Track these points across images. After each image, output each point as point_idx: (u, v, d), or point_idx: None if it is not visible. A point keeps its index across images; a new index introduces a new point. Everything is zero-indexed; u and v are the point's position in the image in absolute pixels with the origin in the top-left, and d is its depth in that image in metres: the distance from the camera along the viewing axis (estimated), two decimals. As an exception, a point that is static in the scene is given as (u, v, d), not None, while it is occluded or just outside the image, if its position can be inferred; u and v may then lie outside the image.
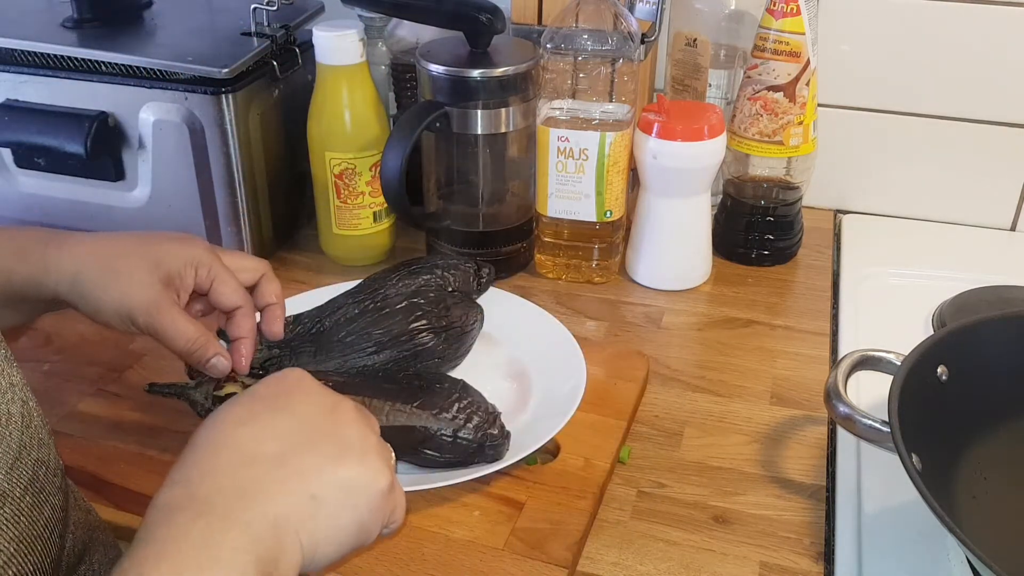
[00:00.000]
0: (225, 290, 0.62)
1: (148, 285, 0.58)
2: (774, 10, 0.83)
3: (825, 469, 0.67)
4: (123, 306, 0.58)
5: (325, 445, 0.43)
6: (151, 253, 0.59)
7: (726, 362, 0.78)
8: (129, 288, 0.58)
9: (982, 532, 0.55)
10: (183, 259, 0.60)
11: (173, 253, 0.60)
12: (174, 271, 0.60)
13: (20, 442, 0.41)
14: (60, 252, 0.58)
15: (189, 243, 0.62)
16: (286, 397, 0.45)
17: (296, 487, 0.41)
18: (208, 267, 0.61)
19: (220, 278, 0.62)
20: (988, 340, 0.64)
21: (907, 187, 1.00)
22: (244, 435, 0.42)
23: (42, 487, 0.42)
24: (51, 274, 0.58)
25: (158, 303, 0.58)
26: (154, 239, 0.62)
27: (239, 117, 0.83)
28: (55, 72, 0.85)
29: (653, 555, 0.59)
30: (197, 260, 0.61)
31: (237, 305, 0.63)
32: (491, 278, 0.79)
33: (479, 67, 0.80)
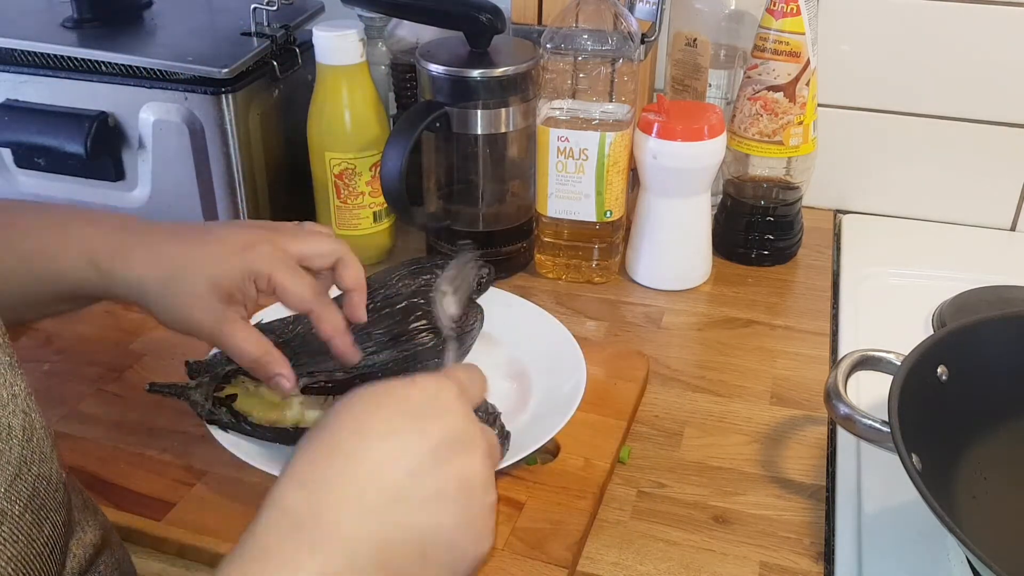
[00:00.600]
0: (288, 299, 0.60)
1: (208, 306, 0.58)
2: (774, 10, 0.83)
3: (825, 469, 0.67)
4: (187, 326, 0.59)
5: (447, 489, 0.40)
6: (211, 269, 0.58)
7: (726, 362, 0.78)
8: (190, 311, 0.58)
9: (982, 532, 0.55)
10: (241, 273, 0.59)
11: (230, 268, 0.58)
12: (234, 287, 0.59)
13: (20, 457, 0.40)
14: (126, 265, 0.58)
15: (250, 251, 0.59)
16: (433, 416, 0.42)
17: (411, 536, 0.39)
18: (267, 277, 0.59)
19: (281, 287, 0.59)
20: (988, 340, 0.64)
21: (907, 187, 1.00)
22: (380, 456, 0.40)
23: (43, 503, 0.41)
24: (118, 287, 0.58)
25: (218, 322, 0.58)
26: (215, 249, 0.59)
27: (239, 117, 0.83)
28: (55, 72, 0.85)
29: (653, 555, 0.59)
30: (256, 272, 0.59)
31: (306, 311, 0.61)
32: (491, 278, 0.79)
33: (479, 67, 0.80)
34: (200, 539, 0.59)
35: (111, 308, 0.83)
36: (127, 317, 0.82)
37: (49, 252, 0.59)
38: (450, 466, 0.41)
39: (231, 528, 0.60)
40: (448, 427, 0.41)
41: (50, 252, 0.59)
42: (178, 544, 0.59)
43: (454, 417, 0.42)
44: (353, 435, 0.40)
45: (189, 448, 0.66)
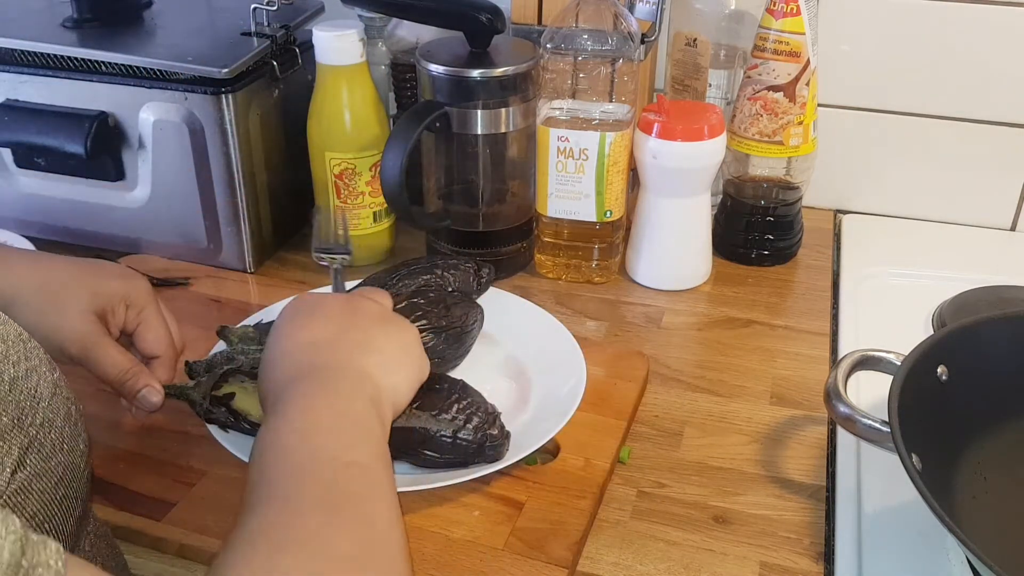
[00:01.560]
0: (149, 336, 0.63)
1: (83, 316, 0.59)
2: (774, 10, 0.83)
3: (825, 469, 0.67)
4: (56, 335, 0.59)
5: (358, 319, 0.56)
6: (90, 284, 0.60)
7: (726, 362, 0.78)
8: (64, 317, 0.59)
9: (982, 532, 0.55)
10: (119, 294, 0.61)
11: (111, 287, 0.61)
12: (108, 305, 0.61)
13: (54, 381, 0.44)
14: (2, 270, 0.59)
15: (130, 280, 0.63)
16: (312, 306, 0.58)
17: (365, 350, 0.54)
18: (140, 308, 0.62)
19: (147, 322, 0.63)
20: (988, 340, 0.64)
21: (907, 187, 1.00)
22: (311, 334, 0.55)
23: (76, 420, 0.45)
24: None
25: (92, 334, 0.59)
26: (95, 270, 0.62)
27: (239, 117, 0.83)
28: (55, 72, 0.85)
29: (653, 555, 0.59)
30: (131, 299, 0.62)
31: (157, 354, 0.64)
32: (491, 278, 0.79)
33: (479, 67, 0.80)
34: (200, 539, 0.59)
35: (111, 308, 0.83)
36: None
37: None
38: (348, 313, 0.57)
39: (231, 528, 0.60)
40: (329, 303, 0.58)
41: None
42: (178, 544, 0.59)
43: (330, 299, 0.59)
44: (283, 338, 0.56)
45: (189, 448, 0.66)
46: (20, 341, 0.43)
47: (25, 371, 0.41)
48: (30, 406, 0.41)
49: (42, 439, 0.41)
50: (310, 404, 0.49)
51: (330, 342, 0.54)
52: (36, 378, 0.42)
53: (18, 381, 0.40)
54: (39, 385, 0.42)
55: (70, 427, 0.44)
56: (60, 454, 0.42)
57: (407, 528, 0.59)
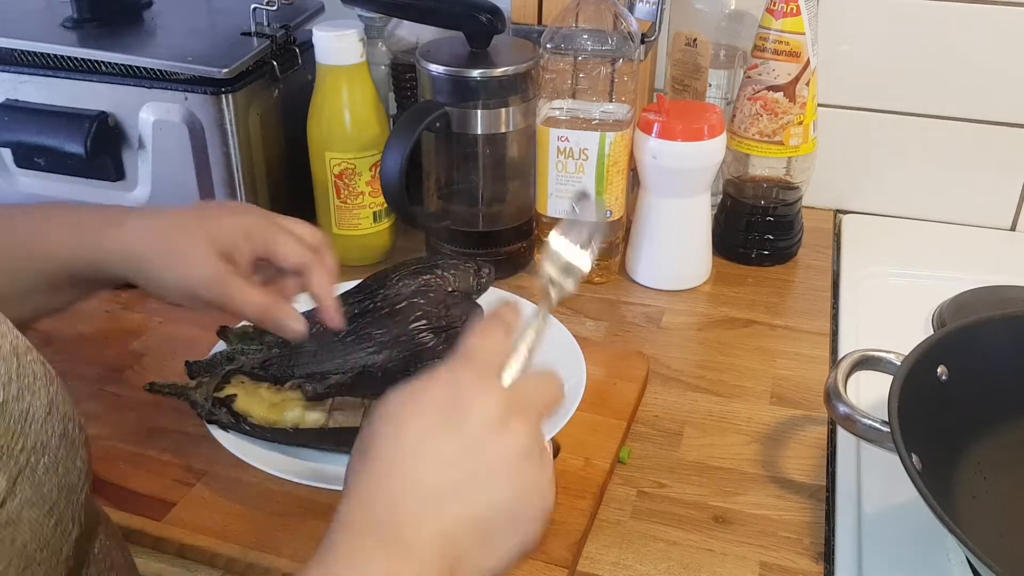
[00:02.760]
0: (283, 251, 0.61)
1: (208, 261, 0.58)
2: (774, 10, 0.83)
3: (825, 469, 0.67)
4: (187, 284, 0.59)
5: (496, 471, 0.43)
6: (206, 228, 0.59)
7: (726, 362, 0.78)
8: (190, 266, 0.58)
9: (982, 532, 0.55)
10: (236, 229, 0.60)
11: (226, 225, 0.60)
12: (230, 243, 0.60)
13: (48, 398, 0.42)
14: (119, 234, 0.58)
15: (242, 212, 0.62)
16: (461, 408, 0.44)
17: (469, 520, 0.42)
18: (262, 232, 0.60)
19: (275, 240, 0.61)
20: (988, 340, 0.64)
21: (907, 187, 1.00)
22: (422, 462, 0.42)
23: (73, 440, 0.43)
24: (112, 257, 0.58)
25: (220, 277, 0.59)
26: (208, 213, 0.61)
27: (239, 117, 0.83)
28: (55, 72, 0.85)
29: (653, 555, 0.59)
30: (249, 228, 0.60)
31: (302, 262, 0.61)
32: (491, 278, 0.79)
33: (479, 67, 0.80)
34: (200, 539, 0.59)
35: (111, 308, 0.83)
36: (127, 317, 0.82)
37: (32, 238, 0.59)
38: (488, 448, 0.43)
39: (231, 528, 0.60)
40: (475, 412, 0.43)
41: (33, 238, 0.59)
42: (178, 544, 0.59)
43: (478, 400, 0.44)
44: (393, 445, 0.43)
45: (189, 448, 0.66)
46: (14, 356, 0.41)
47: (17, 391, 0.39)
48: (21, 430, 0.39)
49: (34, 464, 0.39)
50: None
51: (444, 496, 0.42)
52: (29, 397, 0.40)
53: (8, 404, 0.38)
54: (32, 405, 0.40)
55: (66, 447, 0.42)
56: (55, 477, 0.41)
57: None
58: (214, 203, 0.64)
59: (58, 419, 0.42)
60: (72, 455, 0.43)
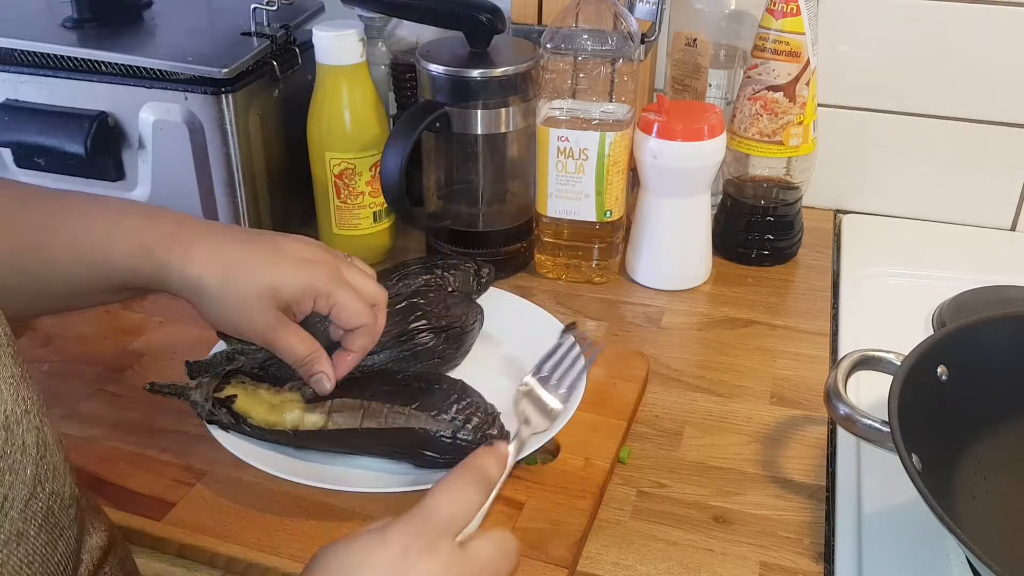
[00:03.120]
0: (343, 316, 0.61)
1: (264, 313, 0.59)
2: (774, 10, 0.83)
3: (825, 469, 0.67)
4: (238, 326, 0.60)
5: None
6: (271, 277, 0.58)
7: (726, 362, 0.78)
8: (245, 312, 0.59)
9: (982, 532, 0.55)
10: (301, 287, 0.59)
11: (293, 281, 0.59)
12: (292, 299, 0.59)
13: (35, 476, 0.39)
14: (183, 259, 0.57)
15: (312, 267, 0.60)
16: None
17: None
18: (327, 295, 0.60)
19: (339, 305, 0.60)
20: (988, 340, 0.64)
21: (907, 187, 1.00)
22: None
23: (57, 521, 0.40)
24: (173, 279, 0.58)
25: (272, 328, 0.59)
26: (276, 257, 0.60)
27: (239, 117, 0.83)
28: (55, 72, 0.85)
29: (653, 555, 0.59)
30: (316, 289, 0.60)
31: (357, 326, 0.62)
32: (491, 278, 0.79)
33: (479, 67, 0.80)
34: (200, 539, 0.59)
35: (111, 308, 0.83)
36: (127, 317, 0.82)
37: (103, 241, 0.58)
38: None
39: (231, 528, 0.60)
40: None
41: (103, 240, 0.58)
42: (178, 544, 0.59)
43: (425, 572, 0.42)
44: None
45: (189, 448, 0.66)
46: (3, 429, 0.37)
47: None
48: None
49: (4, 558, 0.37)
50: None
51: None
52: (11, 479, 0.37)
53: None
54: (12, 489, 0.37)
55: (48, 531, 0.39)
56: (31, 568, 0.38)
57: (407, 528, 0.59)
58: (290, 242, 0.62)
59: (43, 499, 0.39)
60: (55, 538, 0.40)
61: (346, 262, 0.64)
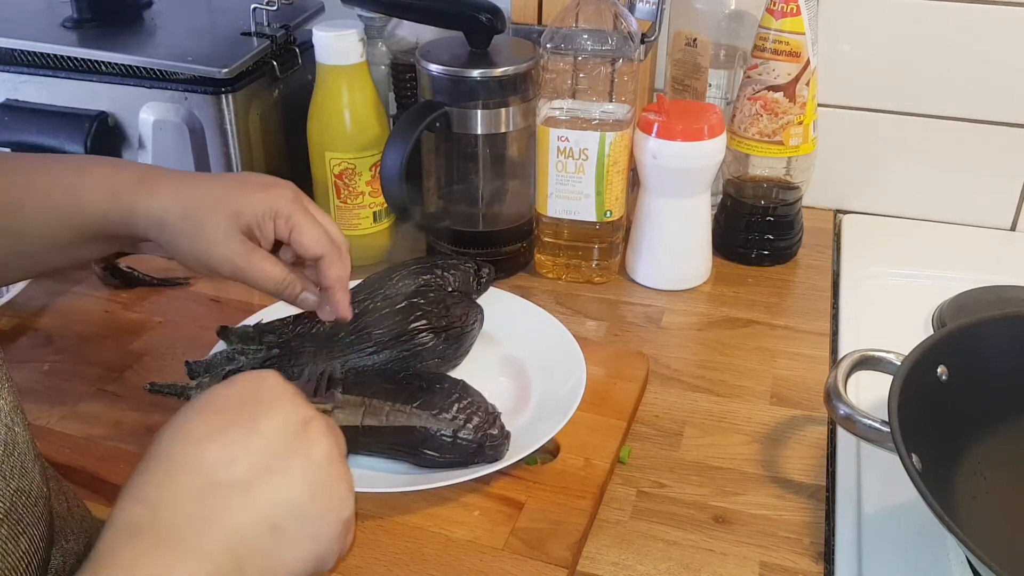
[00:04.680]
0: (304, 240, 0.61)
1: (230, 237, 0.59)
2: (774, 10, 0.83)
3: (825, 469, 0.67)
4: (207, 258, 0.59)
5: (291, 470, 0.41)
6: (233, 202, 0.59)
7: (726, 362, 0.78)
8: (211, 241, 0.59)
9: (982, 532, 0.55)
10: (263, 208, 0.60)
11: (254, 202, 0.60)
12: (254, 221, 0.60)
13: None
14: (149, 197, 0.59)
15: (273, 189, 0.61)
16: (253, 408, 0.42)
17: (259, 516, 0.40)
18: (287, 217, 0.60)
19: (299, 227, 0.60)
20: (988, 340, 0.64)
21: (907, 187, 1.00)
22: (209, 455, 0.40)
23: (20, 518, 0.41)
24: (140, 218, 0.59)
25: (240, 254, 0.59)
26: (238, 186, 0.61)
27: (239, 117, 0.83)
28: (55, 72, 0.85)
29: (653, 555, 0.59)
30: (276, 210, 0.60)
31: (318, 254, 0.61)
32: (491, 278, 0.79)
33: (479, 67, 0.80)
34: (200, 539, 0.59)
35: (111, 308, 0.83)
36: (127, 317, 0.82)
37: (71, 189, 0.59)
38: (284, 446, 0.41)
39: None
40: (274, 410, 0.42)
41: (72, 189, 0.59)
42: (178, 544, 0.59)
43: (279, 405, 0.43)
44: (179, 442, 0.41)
45: (189, 448, 0.66)
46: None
47: None
48: None
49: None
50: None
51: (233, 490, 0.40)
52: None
53: None
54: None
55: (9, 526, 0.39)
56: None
57: (408, 528, 0.59)
58: (252, 175, 0.64)
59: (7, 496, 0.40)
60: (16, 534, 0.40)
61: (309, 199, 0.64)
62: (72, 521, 0.49)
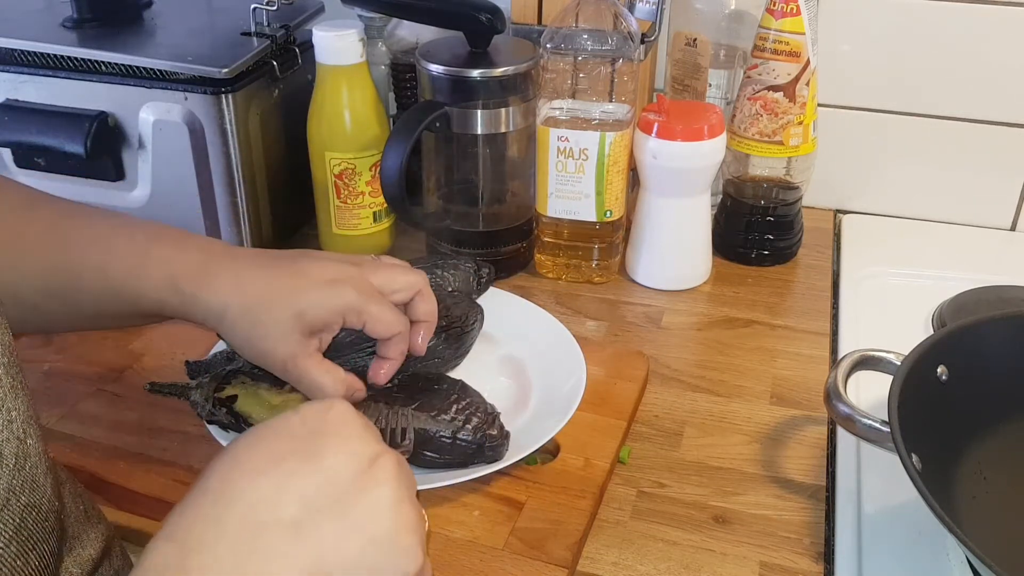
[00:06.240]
0: (377, 328, 0.60)
1: (288, 339, 0.57)
2: (774, 10, 0.83)
3: (825, 469, 0.67)
4: (262, 357, 0.58)
5: (352, 513, 0.36)
6: (296, 303, 0.57)
7: (726, 362, 0.78)
8: (269, 342, 0.57)
9: (982, 532, 0.55)
10: (329, 310, 0.58)
11: (318, 304, 0.57)
12: (319, 322, 0.58)
13: (9, 487, 0.38)
14: (209, 289, 0.57)
15: (337, 288, 0.58)
16: (320, 440, 0.38)
17: (305, 566, 0.35)
18: (358, 312, 0.58)
19: (372, 319, 0.59)
20: (988, 340, 0.64)
21: (907, 187, 1.00)
22: (260, 491, 0.36)
23: (30, 534, 0.39)
24: (199, 310, 0.57)
25: (295, 357, 0.57)
26: (299, 282, 0.58)
27: (239, 117, 0.83)
28: (55, 72, 0.85)
29: (653, 555, 0.59)
30: (345, 309, 0.58)
31: (394, 334, 0.61)
32: (491, 278, 0.79)
33: (479, 67, 0.80)
34: (200, 539, 0.59)
35: (111, 308, 0.83)
36: (127, 317, 0.82)
37: (132, 271, 0.57)
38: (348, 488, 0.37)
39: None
40: (340, 449, 0.38)
41: (133, 272, 0.57)
42: (178, 544, 0.59)
43: (347, 439, 0.39)
44: (224, 478, 0.37)
45: (189, 448, 0.66)
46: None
47: None
48: None
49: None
50: None
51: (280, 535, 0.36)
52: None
53: None
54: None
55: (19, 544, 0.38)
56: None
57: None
58: (314, 266, 0.60)
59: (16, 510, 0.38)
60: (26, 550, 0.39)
61: (372, 265, 0.62)
62: (88, 526, 0.49)
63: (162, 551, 0.35)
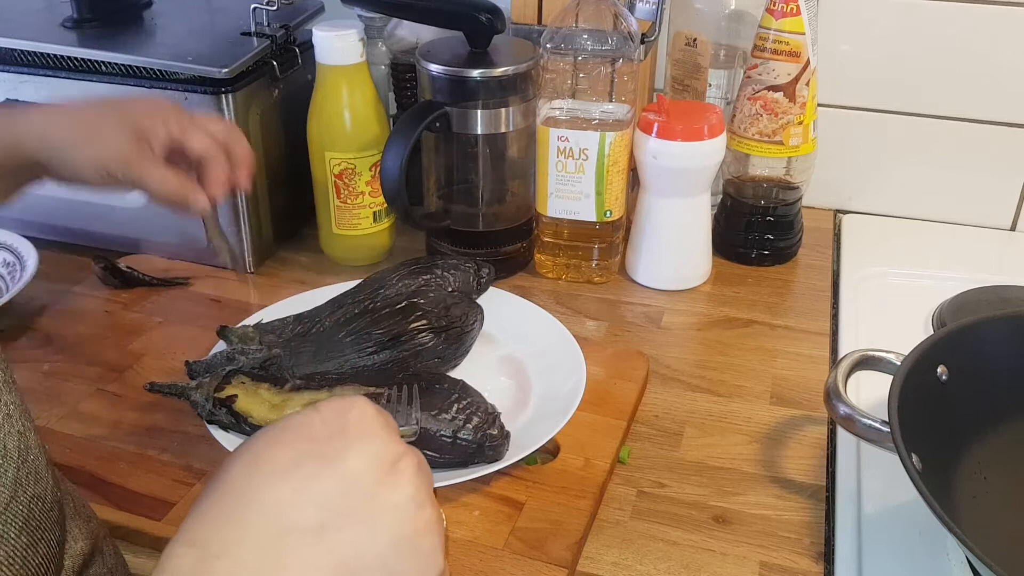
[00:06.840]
0: (195, 139, 0.63)
1: (121, 139, 0.60)
2: (774, 10, 0.83)
3: (825, 469, 0.67)
4: (99, 160, 0.60)
5: (374, 518, 0.36)
6: (120, 110, 0.61)
7: (726, 362, 0.78)
8: (102, 143, 0.60)
9: (982, 532, 0.55)
10: (151, 113, 0.62)
11: (141, 109, 0.62)
12: (144, 125, 0.61)
13: (15, 479, 0.38)
14: (29, 118, 0.60)
15: (157, 102, 0.64)
16: (341, 441, 0.37)
17: (331, 571, 0.35)
18: (177, 119, 0.62)
19: (190, 128, 0.63)
20: (988, 340, 0.64)
21: (907, 187, 1.00)
22: (278, 493, 0.35)
23: (38, 524, 0.39)
24: (23, 139, 0.59)
25: (134, 156, 0.60)
26: (122, 101, 0.65)
27: (239, 117, 0.83)
28: (55, 72, 0.85)
29: (653, 555, 0.59)
30: (165, 114, 0.62)
31: (208, 154, 0.63)
32: (491, 278, 0.79)
33: (479, 67, 0.80)
34: (200, 539, 0.59)
35: (111, 308, 0.83)
36: (127, 317, 0.82)
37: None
38: (370, 491, 0.37)
39: None
40: (362, 451, 0.37)
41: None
42: (178, 544, 0.59)
43: (368, 440, 0.38)
44: (246, 473, 0.37)
45: (189, 448, 0.66)
46: None
47: None
48: None
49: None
50: None
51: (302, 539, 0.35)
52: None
53: None
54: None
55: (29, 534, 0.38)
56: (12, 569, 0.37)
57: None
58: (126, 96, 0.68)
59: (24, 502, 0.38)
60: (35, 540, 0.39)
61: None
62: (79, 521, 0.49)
63: (181, 554, 0.34)
